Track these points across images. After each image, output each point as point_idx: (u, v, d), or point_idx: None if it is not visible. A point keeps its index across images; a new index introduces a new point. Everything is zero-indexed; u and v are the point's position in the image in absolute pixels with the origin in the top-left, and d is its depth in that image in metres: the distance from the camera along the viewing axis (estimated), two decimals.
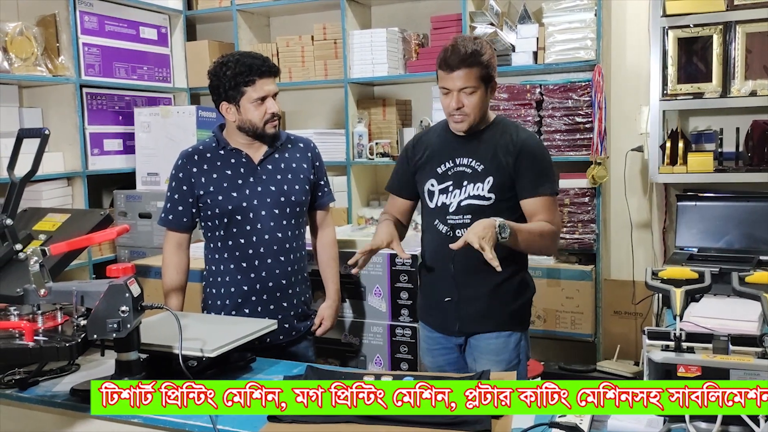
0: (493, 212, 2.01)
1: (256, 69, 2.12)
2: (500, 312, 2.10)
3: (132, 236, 3.70)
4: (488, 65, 2.04)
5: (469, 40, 2.04)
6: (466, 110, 2.04)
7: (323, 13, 4.05)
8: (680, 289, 1.40)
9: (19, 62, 3.31)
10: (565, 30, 3.30)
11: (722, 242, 2.96)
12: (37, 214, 2.09)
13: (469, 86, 2.01)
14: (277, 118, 2.19)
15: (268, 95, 2.14)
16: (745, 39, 3.01)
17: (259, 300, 2.20)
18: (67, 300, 1.61)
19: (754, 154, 3.05)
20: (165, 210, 2.24)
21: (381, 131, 3.92)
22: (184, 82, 4.28)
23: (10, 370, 1.71)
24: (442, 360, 2.21)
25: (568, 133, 3.35)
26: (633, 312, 3.45)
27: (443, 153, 2.14)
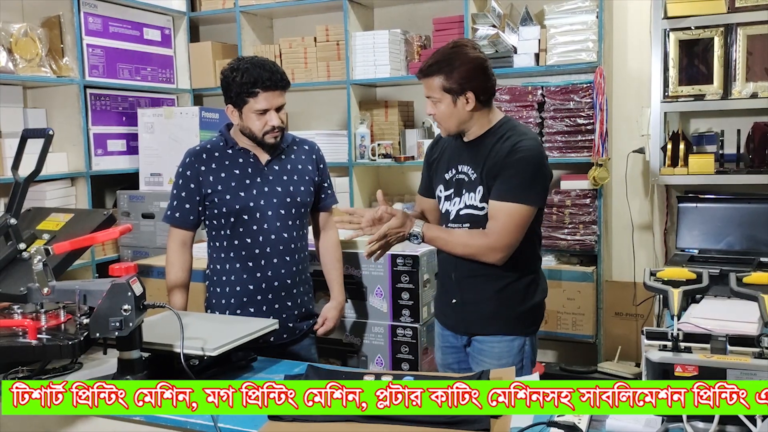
0: (487, 222, 1.99)
1: (261, 82, 2.10)
2: (504, 315, 2.07)
3: (135, 236, 3.72)
4: (453, 78, 1.95)
5: (446, 49, 1.99)
6: (437, 118, 2.04)
7: (326, 15, 4.06)
8: (678, 289, 1.41)
9: (24, 63, 3.33)
10: (567, 32, 3.31)
11: (723, 244, 2.96)
12: (40, 213, 2.10)
13: (432, 96, 2.01)
14: (279, 130, 2.17)
15: (270, 108, 2.13)
16: (746, 41, 3.02)
17: (264, 299, 2.21)
18: (70, 299, 1.62)
19: (755, 155, 3.06)
20: (171, 207, 2.24)
21: (383, 132, 3.93)
22: (188, 83, 4.30)
23: (13, 368, 1.72)
24: (450, 358, 2.21)
25: (570, 134, 3.36)
26: (634, 313, 3.45)
27: (451, 158, 2.12)
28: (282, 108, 2.17)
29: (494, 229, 1.95)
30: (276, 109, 2.14)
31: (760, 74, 3.02)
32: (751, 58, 3.03)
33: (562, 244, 3.40)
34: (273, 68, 2.14)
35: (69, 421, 1.67)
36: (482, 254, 1.97)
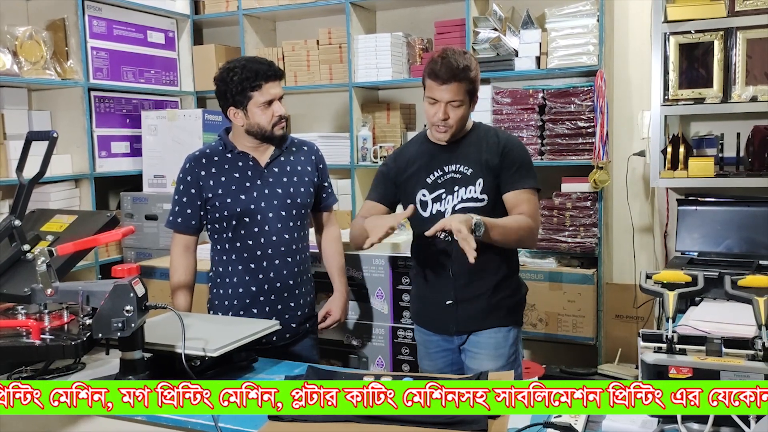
0: (487, 213, 2.03)
1: (262, 74, 2.16)
2: (498, 309, 2.16)
3: (138, 238, 3.75)
4: (475, 80, 2.08)
5: (460, 55, 2.06)
6: (450, 122, 2.08)
7: (328, 18, 4.08)
8: (673, 292, 1.42)
9: (29, 66, 3.36)
10: (568, 35, 3.33)
11: (722, 246, 2.97)
12: (44, 215, 2.13)
13: (457, 100, 2.05)
14: (284, 120, 2.23)
15: (274, 98, 2.18)
16: (745, 45, 3.03)
17: (266, 300, 2.23)
18: (73, 299, 1.64)
19: (754, 159, 3.07)
20: (173, 213, 2.27)
21: (385, 135, 3.95)
22: (191, 86, 4.33)
23: (17, 368, 1.74)
24: (441, 362, 2.23)
25: (571, 137, 3.37)
26: (634, 315, 3.46)
27: (430, 163, 2.16)
28: (282, 98, 2.23)
29: (530, 213, 2.08)
30: (279, 99, 2.20)
31: (759, 78, 3.02)
32: (751, 62, 3.04)
33: (563, 247, 3.42)
34: (267, 61, 2.23)
35: (69, 421, 1.69)
36: (531, 237, 2.11)
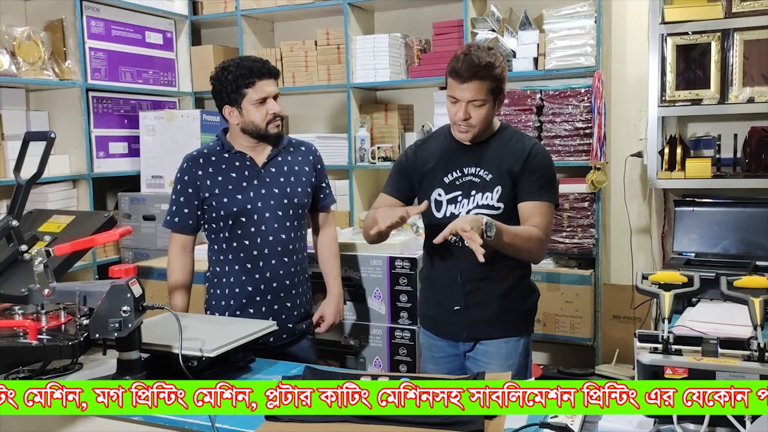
0: (503, 222, 1.94)
1: (256, 71, 2.17)
2: (509, 317, 2.09)
3: (136, 238, 3.75)
4: (500, 78, 1.98)
5: (484, 51, 1.96)
6: (472, 122, 1.99)
7: (327, 19, 4.09)
8: (669, 292, 1.43)
9: (27, 66, 3.36)
10: (566, 36, 3.33)
11: (719, 247, 2.98)
12: (42, 215, 2.12)
13: (478, 99, 1.96)
14: (279, 118, 2.23)
15: (268, 96, 2.19)
16: (743, 46, 3.04)
17: (263, 300, 2.23)
18: (70, 300, 1.64)
19: (751, 160, 3.07)
20: (170, 213, 2.27)
21: (383, 136, 3.95)
22: (189, 86, 4.33)
23: (14, 369, 1.74)
24: (445, 368, 2.17)
25: (568, 138, 3.38)
26: (632, 316, 3.47)
27: (450, 162, 2.08)
28: (277, 97, 2.23)
29: (541, 226, 2.00)
30: (273, 98, 2.21)
31: (756, 79, 3.03)
32: (748, 63, 3.05)
33: (561, 247, 3.42)
34: (262, 60, 2.23)
35: (69, 421, 1.69)
36: (540, 249, 2.02)
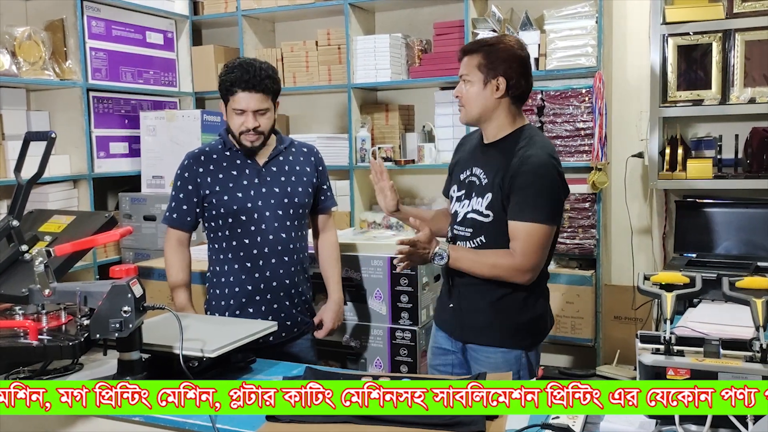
0: (491, 230, 1.95)
1: (240, 82, 2.13)
2: (500, 327, 2.00)
3: (136, 238, 3.75)
4: (491, 58, 1.93)
5: (493, 37, 2.03)
6: (463, 100, 1.98)
7: (327, 19, 4.09)
8: (671, 293, 1.42)
9: (27, 66, 3.36)
10: (567, 37, 3.33)
11: (721, 248, 2.98)
12: (42, 215, 2.12)
13: (465, 74, 1.95)
14: (257, 134, 2.17)
15: (246, 110, 2.14)
16: (744, 47, 3.04)
17: (263, 300, 2.23)
18: (71, 300, 1.63)
19: (753, 160, 3.07)
20: (169, 209, 2.28)
21: (384, 136, 3.95)
22: (190, 87, 4.33)
23: (14, 369, 1.73)
24: (438, 360, 2.18)
25: (569, 139, 3.37)
26: (633, 317, 3.46)
27: (468, 160, 2.08)
28: (265, 113, 2.17)
29: (517, 249, 1.89)
30: (256, 112, 2.15)
31: (758, 79, 3.03)
32: (749, 64, 3.04)
33: (562, 248, 3.42)
34: (257, 72, 2.14)
35: (69, 421, 1.68)
36: (509, 276, 1.91)
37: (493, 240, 1.96)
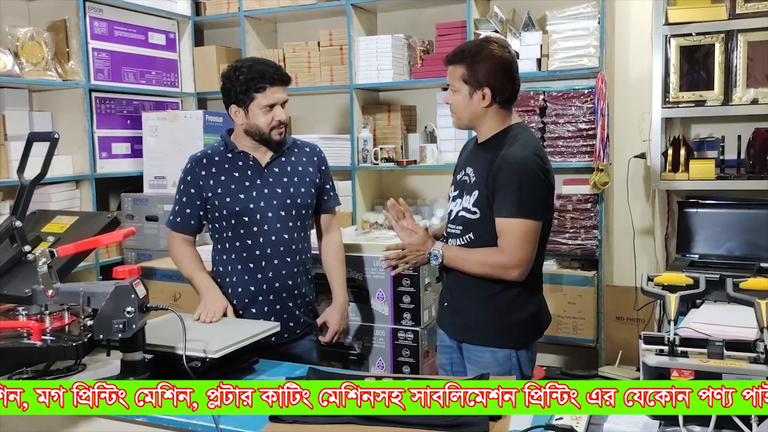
0: (479, 227, 1.97)
1: (268, 77, 2.16)
2: (490, 326, 2.01)
3: (139, 239, 3.75)
4: (474, 70, 1.95)
5: (476, 42, 2.04)
6: (453, 108, 2.04)
7: (329, 20, 4.09)
8: (675, 294, 1.42)
9: (30, 67, 3.36)
10: (569, 37, 3.33)
11: (723, 249, 2.97)
12: (45, 216, 2.13)
13: (451, 84, 2.01)
14: (283, 125, 2.23)
15: (277, 103, 2.19)
16: (746, 48, 3.03)
17: (266, 300, 2.23)
18: (74, 301, 1.64)
19: (755, 161, 3.07)
20: (173, 212, 2.28)
21: (386, 136, 3.95)
22: (192, 87, 4.33)
23: (17, 369, 1.74)
24: (443, 358, 2.21)
25: (572, 139, 3.37)
26: (635, 318, 3.46)
27: (465, 160, 2.13)
28: (285, 104, 2.22)
29: (506, 246, 1.91)
30: (281, 105, 2.20)
31: (760, 80, 3.03)
32: (752, 65, 3.04)
33: (564, 249, 3.42)
34: (275, 65, 2.22)
35: (69, 421, 1.69)
36: (500, 273, 1.94)
37: (481, 237, 1.99)
